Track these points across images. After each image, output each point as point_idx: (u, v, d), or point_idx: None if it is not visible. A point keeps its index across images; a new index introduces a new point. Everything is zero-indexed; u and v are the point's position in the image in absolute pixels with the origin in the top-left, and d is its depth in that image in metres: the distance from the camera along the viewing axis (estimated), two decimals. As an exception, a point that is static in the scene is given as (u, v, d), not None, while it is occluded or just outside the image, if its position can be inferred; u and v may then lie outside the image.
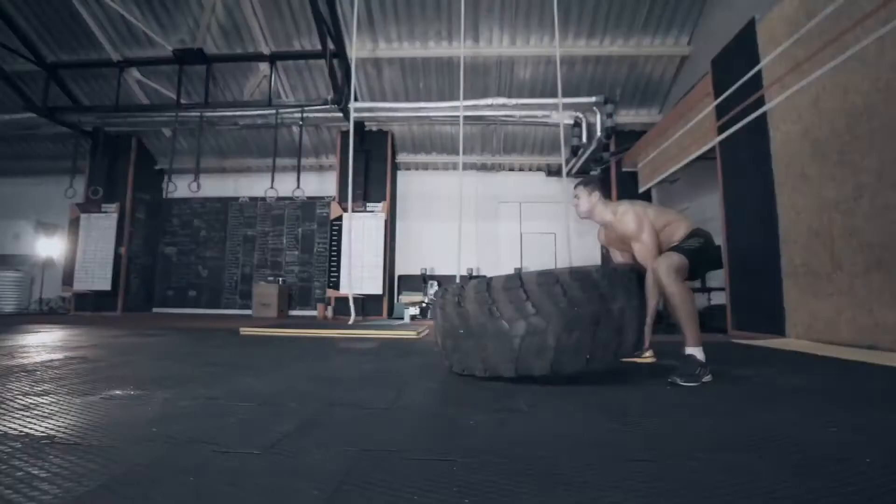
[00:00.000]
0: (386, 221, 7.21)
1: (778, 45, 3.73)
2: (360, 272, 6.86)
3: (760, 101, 3.97)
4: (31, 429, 1.05)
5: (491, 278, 1.83)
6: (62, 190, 8.02)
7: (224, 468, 0.82)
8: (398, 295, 7.73)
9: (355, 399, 1.44)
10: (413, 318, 6.87)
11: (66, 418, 1.15)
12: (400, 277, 7.97)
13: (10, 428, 1.05)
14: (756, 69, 3.99)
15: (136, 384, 1.60)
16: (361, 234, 6.91)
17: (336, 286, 7.07)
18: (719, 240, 4.80)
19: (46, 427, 1.06)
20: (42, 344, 2.91)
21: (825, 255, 3.30)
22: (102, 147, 7.18)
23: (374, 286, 7.00)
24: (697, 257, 2.05)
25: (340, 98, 6.03)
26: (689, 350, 1.88)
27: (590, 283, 1.72)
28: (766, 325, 3.94)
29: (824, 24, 3.25)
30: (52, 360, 2.19)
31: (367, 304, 7.08)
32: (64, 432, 1.02)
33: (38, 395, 1.41)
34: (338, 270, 7.10)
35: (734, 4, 5.21)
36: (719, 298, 5.19)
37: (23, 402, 1.31)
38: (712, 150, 4.87)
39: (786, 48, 3.63)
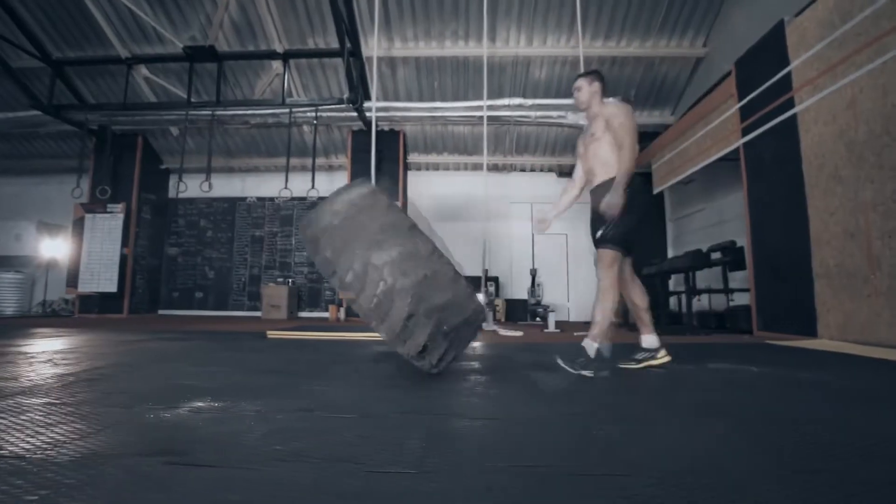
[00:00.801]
0: (399, 222, 7.13)
1: (809, 48, 3.74)
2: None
3: (790, 103, 3.98)
4: (152, 448, 0.98)
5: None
6: (64, 189, 7.86)
7: (395, 492, 0.77)
8: (410, 296, 7.66)
9: (454, 408, 1.39)
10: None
11: (173, 435, 1.08)
12: (411, 278, 7.90)
13: (125, 446, 0.99)
14: (786, 70, 3.99)
15: (210, 395, 1.53)
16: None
17: (349, 287, 6.98)
18: (743, 241, 4.82)
19: (163, 446, 1.00)
20: (73, 349, 2.81)
21: (861, 257, 3.31)
22: (108, 146, 7.01)
23: (388, 287, 6.92)
24: (627, 232, 2.11)
25: (356, 97, 5.95)
26: (586, 343, 2.05)
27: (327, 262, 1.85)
28: (794, 325, 3.95)
29: (861, 26, 3.26)
30: (99, 368, 2.10)
31: (380, 306, 7.00)
32: (188, 452, 0.96)
33: (121, 408, 1.34)
34: (350, 271, 7.01)
35: (754, 6, 5.22)
36: (741, 299, 5.20)
37: (114, 418, 1.24)
38: (732, 151, 4.89)
39: (818, 50, 3.64)
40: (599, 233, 2.12)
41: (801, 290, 3.85)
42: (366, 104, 6.17)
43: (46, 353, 2.60)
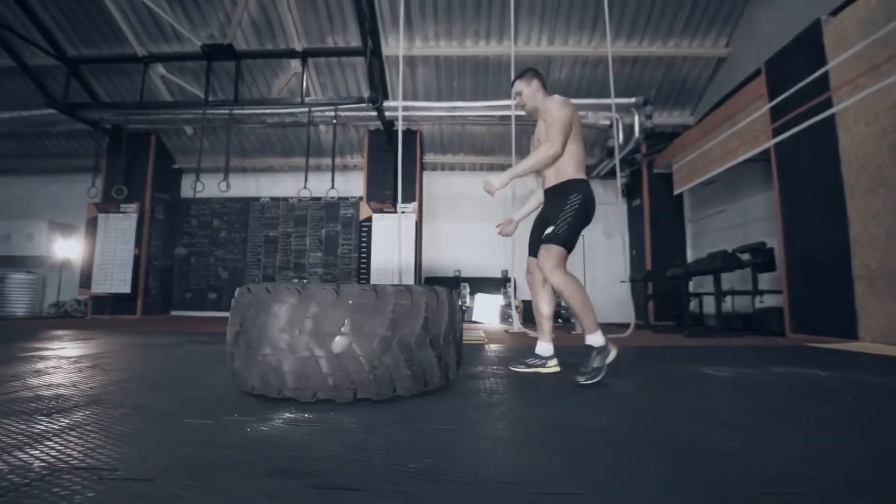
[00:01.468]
0: (417, 222, 7.08)
1: (849, 47, 3.69)
2: (391, 275, 6.73)
3: (827, 103, 3.93)
4: (274, 467, 0.92)
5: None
6: (75, 189, 7.78)
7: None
8: (426, 297, 7.60)
9: (553, 419, 1.33)
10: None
11: (287, 452, 1.02)
12: (427, 280, 7.85)
13: (244, 463, 0.92)
14: (822, 70, 3.95)
15: (294, 405, 1.46)
16: (396, 234, 6.77)
17: (366, 289, 6.92)
18: (773, 242, 4.77)
19: (284, 465, 0.93)
20: (110, 353, 2.74)
21: (907, 259, 3.26)
22: (121, 145, 6.93)
23: (406, 288, 6.86)
24: (575, 235, 2.06)
25: (377, 97, 5.89)
26: (589, 339, 1.98)
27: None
28: (832, 328, 3.90)
29: (908, 25, 3.22)
30: (151, 374, 2.04)
31: (398, 307, 6.94)
32: (322, 473, 0.90)
33: (207, 419, 1.27)
34: (368, 272, 6.95)
35: (781, 6, 5.18)
36: (768, 301, 5.15)
37: (211, 431, 1.18)
38: (761, 151, 4.84)
39: (859, 49, 3.59)
40: (550, 229, 2.07)
41: (840, 291, 3.80)
42: (385, 104, 6.11)
43: (87, 358, 2.53)
